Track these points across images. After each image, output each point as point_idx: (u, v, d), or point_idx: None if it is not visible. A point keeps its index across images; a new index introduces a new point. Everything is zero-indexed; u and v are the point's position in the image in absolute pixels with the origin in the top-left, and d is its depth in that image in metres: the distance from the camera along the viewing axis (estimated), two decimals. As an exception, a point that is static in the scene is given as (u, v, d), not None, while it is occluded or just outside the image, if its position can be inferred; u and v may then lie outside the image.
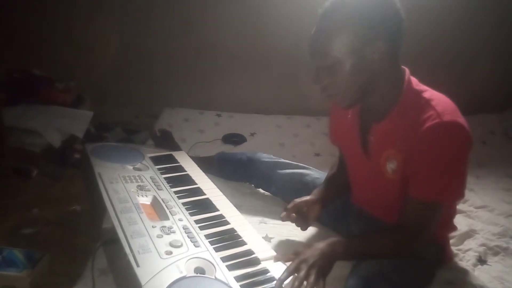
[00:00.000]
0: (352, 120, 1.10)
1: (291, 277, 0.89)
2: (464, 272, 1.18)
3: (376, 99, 1.00)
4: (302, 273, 0.88)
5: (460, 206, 1.44)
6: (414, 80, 1.01)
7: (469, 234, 1.33)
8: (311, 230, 1.28)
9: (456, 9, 2.03)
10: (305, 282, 0.87)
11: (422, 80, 1.03)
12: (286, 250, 1.13)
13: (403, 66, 1.00)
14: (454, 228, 1.20)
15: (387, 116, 1.00)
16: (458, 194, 1.01)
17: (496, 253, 1.27)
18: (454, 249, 1.25)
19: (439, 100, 0.96)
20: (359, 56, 0.92)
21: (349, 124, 1.11)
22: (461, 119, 0.93)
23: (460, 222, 1.34)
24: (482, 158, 1.86)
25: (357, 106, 1.05)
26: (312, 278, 0.88)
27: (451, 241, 1.24)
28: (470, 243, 1.30)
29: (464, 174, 0.98)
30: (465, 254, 1.25)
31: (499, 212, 1.49)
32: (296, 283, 0.87)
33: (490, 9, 2.19)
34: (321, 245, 0.96)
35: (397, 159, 1.00)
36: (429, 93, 0.98)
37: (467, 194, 1.51)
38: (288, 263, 0.92)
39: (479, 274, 1.18)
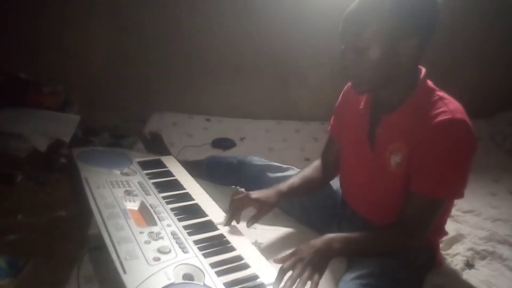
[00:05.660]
0: (363, 111, 1.10)
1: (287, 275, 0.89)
2: (452, 277, 1.18)
3: (391, 91, 1.01)
4: (296, 272, 0.88)
5: (448, 211, 1.45)
6: (429, 81, 1.03)
7: (457, 238, 1.35)
8: (303, 234, 1.28)
9: (443, 15, 2.06)
10: (298, 280, 0.87)
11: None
12: (276, 255, 1.12)
13: (420, 66, 1.02)
14: (445, 233, 1.21)
15: (398, 109, 1.01)
16: (459, 192, 1.00)
17: (483, 257, 1.29)
18: (442, 253, 1.25)
19: (451, 100, 0.98)
20: (392, 47, 0.92)
21: (359, 114, 1.11)
22: (470, 122, 0.94)
23: (448, 226, 1.34)
24: (469, 163, 1.89)
25: (371, 93, 1.05)
26: (306, 274, 0.88)
27: (440, 245, 1.25)
28: (458, 248, 1.31)
29: (467, 173, 0.98)
30: (453, 258, 1.26)
31: (486, 216, 1.50)
32: (288, 283, 0.87)
33: (478, 15, 2.23)
34: (316, 242, 0.96)
35: (402, 152, 1.00)
36: (442, 93, 1.00)
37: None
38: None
39: (467, 278, 1.18)
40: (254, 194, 1.14)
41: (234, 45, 2.25)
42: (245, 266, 0.95)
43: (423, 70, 1.02)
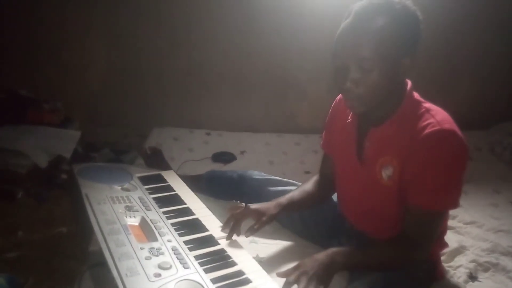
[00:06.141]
0: (351, 125, 1.10)
1: None
2: (456, 289, 1.17)
3: (380, 105, 1.00)
4: (302, 285, 0.88)
5: (449, 222, 1.44)
6: (415, 93, 1.03)
7: (459, 250, 1.34)
8: (304, 248, 1.27)
9: (437, 26, 2.09)
10: None
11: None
12: (277, 270, 1.12)
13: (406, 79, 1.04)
14: (445, 245, 1.20)
15: (385, 122, 1.01)
16: (454, 202, 1.00)
17: (486, 269, 1.28)
18: (445, 266, 1.24)
19: (438, 111, 0.98)
20: (393, 66, 0.93)
21: (347, 128, 1.12)
22: (459, 131, 0.95)
23: (450, 238, 1.34)
24: (469, 174, 1.88)
25: (367, 111, 1.03)
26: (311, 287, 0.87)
27: (442, 258, 1.24)
28: (460, 260, 1.30)
29: (461, 183, 0.98)
30: (456, 270, 1.25)
31: (488, 228, 1.50)
32: None
33: (476, 29, 2.26)
34: (320, 256, 0.96)
35: (393, 165, 1.00)
36: (429, 104, 1.01)
37: (456, 210, 1.52)
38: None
39: (470, 291, 1.17)
40: (253, 205, 1.15)
41: (233, 59, 2.27)
42: (247, 281, 0.94)
43: (409, 83, 1.03)
